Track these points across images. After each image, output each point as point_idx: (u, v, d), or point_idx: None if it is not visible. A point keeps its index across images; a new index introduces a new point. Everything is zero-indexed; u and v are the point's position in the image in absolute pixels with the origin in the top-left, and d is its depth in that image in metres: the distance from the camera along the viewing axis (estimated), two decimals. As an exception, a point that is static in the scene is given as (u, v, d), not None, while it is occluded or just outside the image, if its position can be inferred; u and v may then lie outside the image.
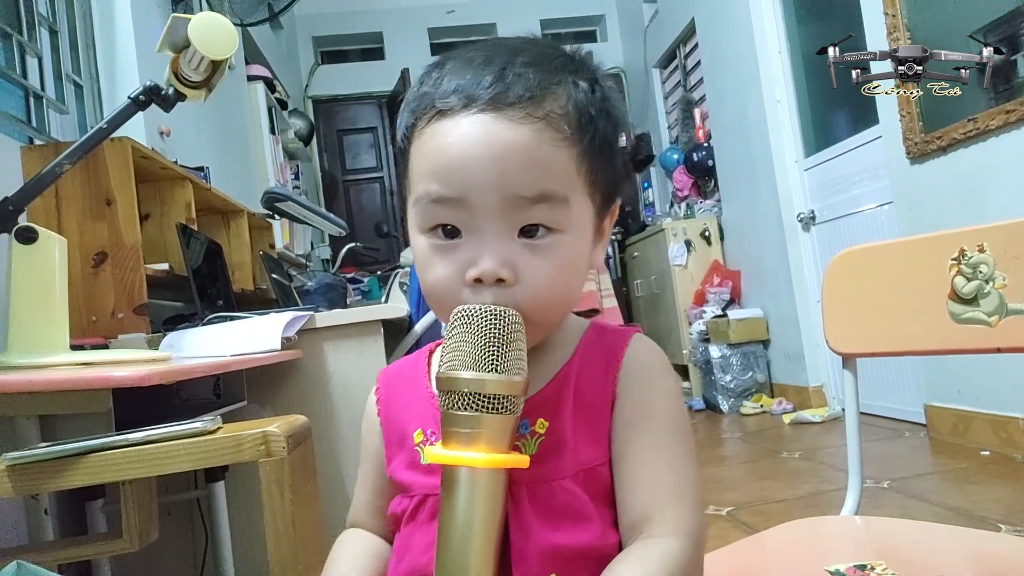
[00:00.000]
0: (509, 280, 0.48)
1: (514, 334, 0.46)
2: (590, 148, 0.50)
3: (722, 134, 4.17)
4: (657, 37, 5.08)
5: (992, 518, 1.76)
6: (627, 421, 0.52)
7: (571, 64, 0.52)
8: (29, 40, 2.07)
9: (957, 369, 2.49)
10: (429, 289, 0.51)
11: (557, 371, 0.53)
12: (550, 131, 0.47)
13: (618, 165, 0.54)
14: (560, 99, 0.49)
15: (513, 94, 0.47)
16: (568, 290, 0.51)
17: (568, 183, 0.49)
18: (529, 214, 0.48)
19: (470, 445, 0.44)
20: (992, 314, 0.79)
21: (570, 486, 0.50)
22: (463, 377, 0.45)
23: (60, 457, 0.73)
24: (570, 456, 0.50)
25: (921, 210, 2.56)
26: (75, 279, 1.55)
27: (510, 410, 0.45)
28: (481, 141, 0.46)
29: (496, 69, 0.48)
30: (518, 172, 0.46)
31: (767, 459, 2.66)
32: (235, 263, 2.50)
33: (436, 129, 0.48)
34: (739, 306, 4.04)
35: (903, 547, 0.80)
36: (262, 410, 1.58)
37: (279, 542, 0.77)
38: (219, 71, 1.31)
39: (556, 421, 0.51)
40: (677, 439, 0.52)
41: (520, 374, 0.46)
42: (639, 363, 0.53)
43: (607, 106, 0.52)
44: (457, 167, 0.47)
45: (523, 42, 0.52)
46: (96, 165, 1.66)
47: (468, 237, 0.48)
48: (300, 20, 5.66)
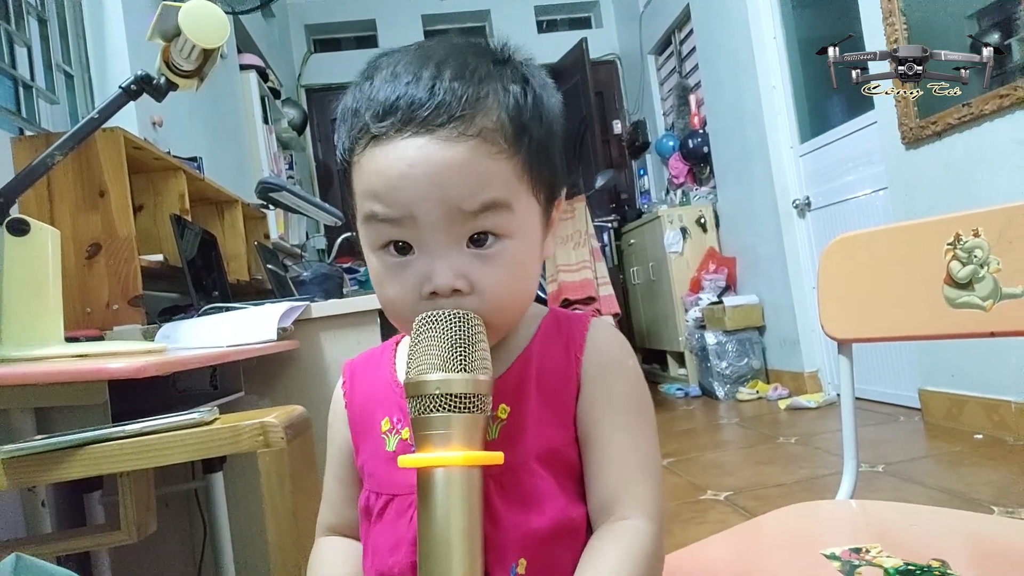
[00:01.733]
0: (465, 290, 0.49)
1: (477, 334, 0.47)
2: (528, 155, 0.50)
3: (718, 121, 4.16)
4: (652, 23, 5.05)
5: (985, 500, 1.78)
6: (593, 404, 0.53)
7: (499, 68, 0.52)
8: (18, 29, 2.05)
9: (951, 353, 2.50)
10: (387, 306, 0.52)
11: (516, 356, 0.54)
12: (486, 146, 0.48)
13: (556, 161, 0.54)
14: (491, 113, 0.49)
15: (444, 114, 0.47)
16: (522, 292, 0.53)
17: (510, 190, 0.49)
18: (475, 224, 0.48)
19: (444, 446, 0.45)
20: (987, 298, 0.79)
21: (534, 467, 0.51)
22: (432, 379, 0.45)
23: (56, 449, 0.73)
24: (531, 439, 0.52)
25: (916, 195, 2.57)
26: (69, 271, 1.55)
27: (480, 409, 0.46)
28: (419, 163, 0.47)
29: (425, 87, 0.48)
30: (458, 186, 0.47)
31: (764, 444, 2.68)
32: (230, 254, 2.49)
33: (373, 154, 0.49)
34: (735, 293, 4.05)
35: (898, 530, 0.80)
36: (259, 401, 1.58)
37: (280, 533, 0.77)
38: (211, 60, 1.30)
39: (518, 406, 0.52)
40: (639, 419, 0.54)
41: (486, 373, 0.47)
42: (602, 347, 0.55)
43: (540, 109, 0.52)
44: (398, 187, 0.48)
45: (449, 50, 0.52)
46: (88, 156, 1.64)
47: (419, 252, 0.49)
48: (292, 8, 5.61)
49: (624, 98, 5.81)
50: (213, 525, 1.36)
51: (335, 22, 5.84)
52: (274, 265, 2.27)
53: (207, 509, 1.41)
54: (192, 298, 1.73)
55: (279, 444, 0.76)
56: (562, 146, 0.56)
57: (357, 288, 3.05)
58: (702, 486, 2.16)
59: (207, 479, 1.36)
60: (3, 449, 0.73)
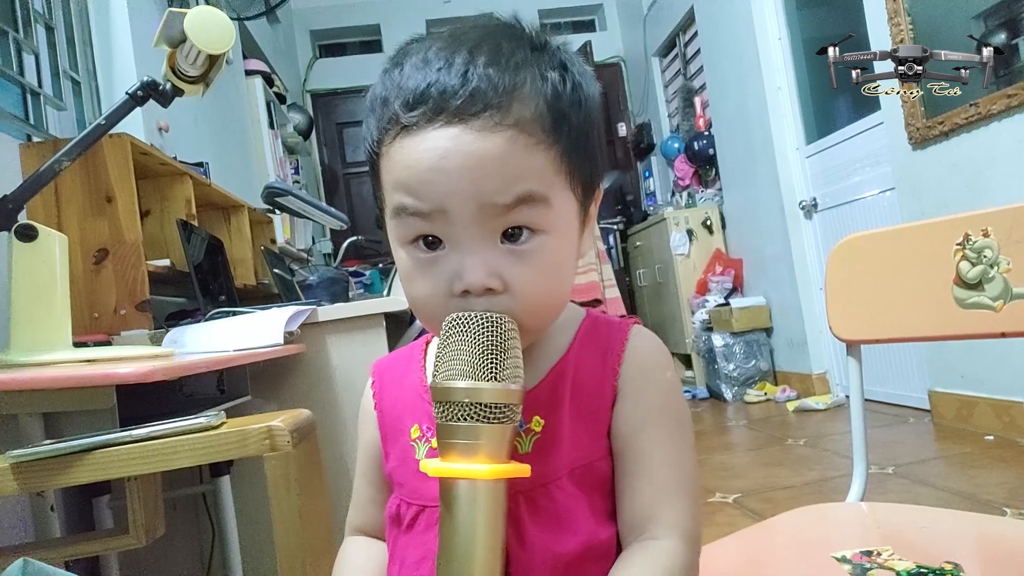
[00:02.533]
0: (498, 289, 0.46)
1: (510, 340, 0.45)
2: (567, 145, 0.48)
3: (723, 122, 4.15)
4: (656, 25, 5.05)
5: (997, 502, 1.77)
6: (629, 418, 0.51)
7: (536, 54, 0.49)
8: (25, 37, 2.06)
9: (960, 354, 2.49)
10: (416, 304, 0.50)
11: (552, 366, 0.52)
12: (523, 137, 0.45)
13: (595, 151, 0.52)
14: (529, 101, 0.46)
15: (479, 103, 0.44)
16: (559, 292, 0.50)
17: (547, 183, 0.47)
18: (509, 218, 0.46)
19: (470, 457, 0.43)
20: (997, 299, 0.79)
21: (566, 486, 0.49)
22: (459, 387, 0.43)
23: (65, 454, 0.73)
24: (566, 454, 0.49)
25: (923, 196, 2.55)
26: (76, 276, 1.55)
27: (509, 419, 0.44)
28: (451, 154, 0.44)
29: (458, 73, 0.45)
30: (492, 180, 0.44)
31: (772, 446, 2.67)
32: (236, 258, 2.50)
33: (403, 144, 0.46)
34: (741, 294, 4.04)
35: (909, 532, 0.80)
36: (266, 404, 1.58)
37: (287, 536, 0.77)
38: (216, 65, 1.30)
39: (552, 418, 0.50)
40: (678, 434, 0.51)
41: (517, 382, 0.45)
42: (641, 358, 0.52)
43: (579, 95, 0.49)
44: (429, 180, 0.45)
45: (483, 34, 0.49)
46: (95, 162, 1.65)
47: (450, 248, 0.47)
48: (297, 14, 5.63)
49: (629, 100, 5.80)
50: (221, 528, 1.36)
51: (340, 27, 5.87)
52: (280, 269, 2.27)
53: (215, 512, 1.41)
54: (199, 303, 1.73)
55: (285, 448, 0.76)
56: (600, 137, 0.53)
57: (363, 292, 3.05)
58: (711, 488, 2.15)
59: (215, 483, 1.37)
60: (12, 454, 0.74)
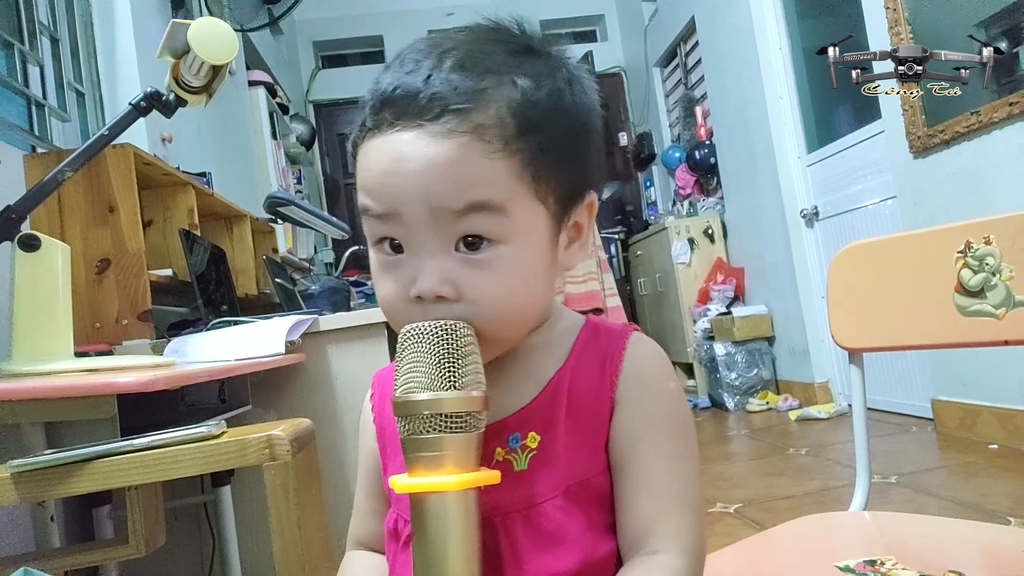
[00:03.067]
0: (451, 296, 0.45)
1: (467, 347, 0.44)
2: (533, 155, 0.46)
3: (724, 131, 4.16)
4: (657, 35, 5.07)
5: (1001, 511, 1.75)
6: (628, 430, 0.49)
7: (514, 58, 0.47)
8: (30, 49, 2.08)
9: (963, 363, 2.48)
10: (382, 305, 0.50)
11: (549, 379, 0.50)
12: (479, 144, 0.44)
13: (580, 160, 0.50)
14: (491, 108, 0.45)
15: (438, 107, 0.44)
16: (522, 303, 0.48)
17: (505, 192, 0.45)
18: (463, 225, 0.45)
19: (436, 469, 0.43)
20: (999, 306, 0.79)
21: (563, 504, 0.48)
22: (420, 399, 0.43)
23: (65, 464, 0.73)
24: (562, 470, 0.48)
25: (925, 204, 2.55)
26: (79, 286, 1.55)
27: (473, 427, 0.43)
28: (405, 158, 0.44)
29: (422, 77, 0.45)
30: (443, 184, 0.44)
31: (774, 456, 2.65)
32: (238, 268, 2.50)
33: (368, 147, 0.47)
34: (743, 303, 4.04)
35: (913, 542, 0.79)
36: (266, 414, 1.58)
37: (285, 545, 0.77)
38: (219, 76, 1.31)
39: (549, 433, 0.49)
40: (680, 445, 0.50)
41: (479, 388, 0.44)
42: (639, 367, 0.50)
43: (557, 104, 0.48)
44: (384, 184, 0.45)
45: (463, 37, 0.48)
46: (98, 172, 1.66)
47: (409, 253, 0.47)
48: (300, 25, 5.66)
49: (630, 110, 5.82)
50: (221, 538, 1.36)
51: (343, 39, 5.90)
52: (282, 279, 2.28)
53: (216, 522, 1.41)
54: (201, 312, 1.73)
55: (285, 457, 0.76)
56: (595, 145, 0.51)
57: (364, 301, 3.05)
58: (711, 498, 2.14)
59: (216, 492, 1.37)
60: (13, 464, 0.73)
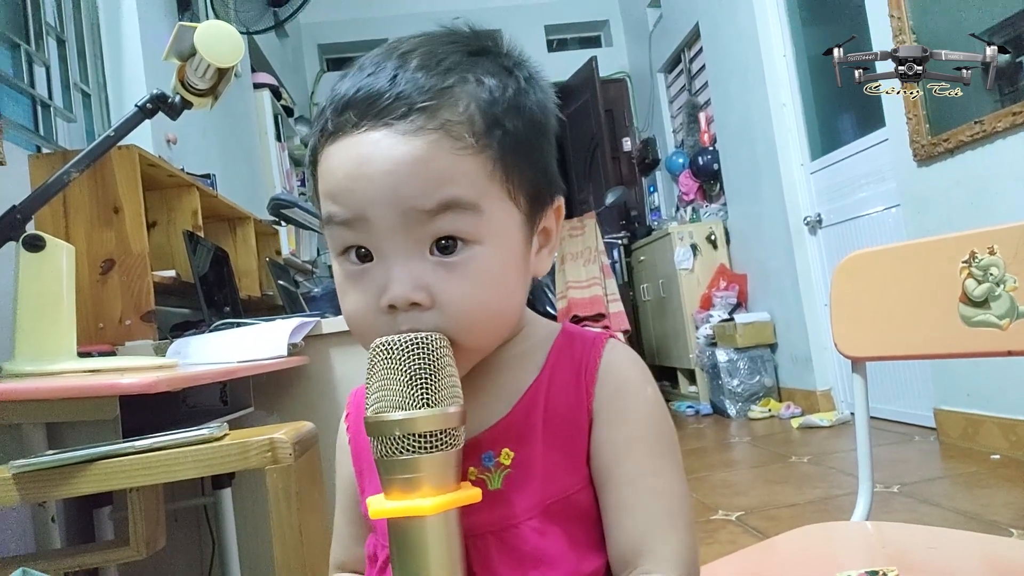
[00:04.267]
0: (425, 303, 0.43)
1: (442, 359, 0.42)
2: (501, 151, 0.45)
3: (727, 138, 4.16)
4: (662, 42, 5.08)
5: (1003, 522, 1.75)
6: (609, 444, 0.47)
7: (474, 58, 0.47)
8: (37, 49, 2.09)
9: (966, 372, 2.47)
10: (347, 319, 0.48)
11: (525, 391, 0.48)
12: (448, 141, 0.43)
13: (546, 162, 0.49)
14: (458, 105, 0.44)
15: (404, 105, 0.43)
16: (496, 307, 0.46)
17: (477, 189, 0.44)
18: (435, 227, 0.43)
19: (412, 491, 0.41)
20: (1003, 317, 0.78)
21: (540, 524, 0.46)
22: (393, 419, 0.40)
23: (67, 464, 0.73)
24: (540, 488, 0.46)
25: (928, 213, 2.55)
26: (83, 286, 1.56)
27: (450, 444, 0.41)
28: (372, 159, 0.43)
29: (387, 78, 0.44)
30: (413, 183, 0.42)
31: (776, 464, 2.65)
32: (241, 270, 2.51)
33: (331, 151, 0.45)
34: (746, 310, 4.03)
35: (915, 553, 0.79)
36: (268, 416, 1.58)
37: (285, 549, 0.77)
38: (225, 79, 1.32)
39: (524, 450, 0.47)
40: (664, 457, 0.48)
41: (455, 403, 0.42)
42: (615, 376, 0.48)
43: (520, 101, 0.47)
44: (349, 188, 0.43)
45: (420, 41, 0.48)
46: (103, 173, 1.66)
47: (378, 260, 0.44)
48: (305, 28, 5.68)
49: (634, 116, 5.83)
50: (222, 541, 1.35)
51: (348, 42, 5.91)
52: (285, 281, 2.28)
53: (216, 525, 1.40)
54: (204, 314, 1.74)
55: (287, 460, 0.76)
56: (554, 147, 0.51)
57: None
58: (712, 506, 2.13)
59: (216, 495, 1.36)
60: (14, 464, 0.74)
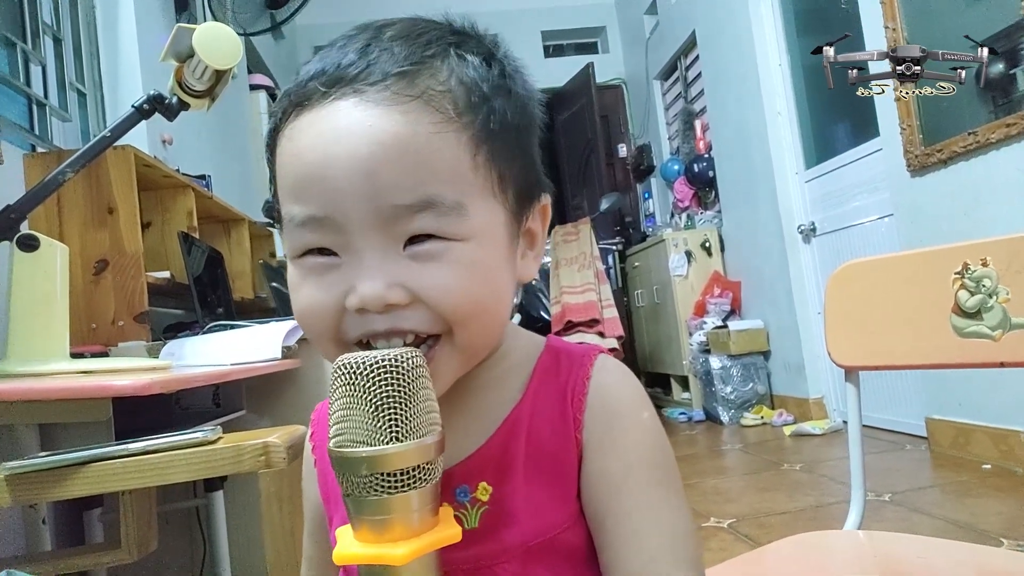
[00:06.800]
0: (402, 302, 0.38)
1: (417, 381, 0.36)
2: (486, 132, 0.40)
3: (723, 145, 4.18)
4: (658, 49, 5.10)
5: (993, 532, 1.75)
6: (602, 477, 0.42)
7: (455, 37, 0.42)
8: (33, 48, 2.08)
9: (958, 382, 2.48)
10: (300, 317, 0.41)
11: (504, 417, 0.43)
12: (429, 112, 0.38)
13: (532, 157, 0.45)
14: (440, 73, 0.39)
15: (378, 70, 0.38)
16: (487, 300, 0.40)
17: (461, 183, 0.39)
18: (413, 225, 0.38)
19: (383, 533, 0.35)
20: (996, 328, 0.79)
21: (522, 568, 0.41)
22: (359, 455, 0.35)
23: (60, 467, 0.73)
24: (520, 527, 0.41)
25: (922, 223, 2.57)
26: (76, 287, 1.55)
27: (425, 480, 0.36)
28: (342, 137, 0.37)
29: (358, 49, 0.40)
30: (391, 172, 0.37)
31: (768, 471, 2.65)
32: (235, 271, 2.50)
33: (294, 128, 0.40)
34: (739, 317, 4.04)
35: (906, 562, 0.79)
36: (260, 419, 1.57)
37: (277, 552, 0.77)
38: (223, 81, 1.31)
39: (504, 485, 0.42)
40: (665, 489, 0.43)
41: (432, 431, 0.36)
42: (607, 400, 0.43)
43: (507, 84, 0.42)
44: (317, 177, 0.38)
45: (397, 19, 0.43)
46: (98, 173, 1.66)
47: (345, 257, 0.39)
48: (302, 30, 5.67)
49: (630, 122, 5.85)
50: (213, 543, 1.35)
51: (345, 44, 5.91)
52: (279, 283, 2.27)
53: (207, 527, 1.40)
54: (197, 315, 1.73)
55: (280, 464, 0.76)
56: (538, 145, 0.46)
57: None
58: (704, 513, 2.13)
59: (208, 497, 1.36)
60: (7, 466, 0.73)
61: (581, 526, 0.43)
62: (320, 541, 0.51)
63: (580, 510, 0.43)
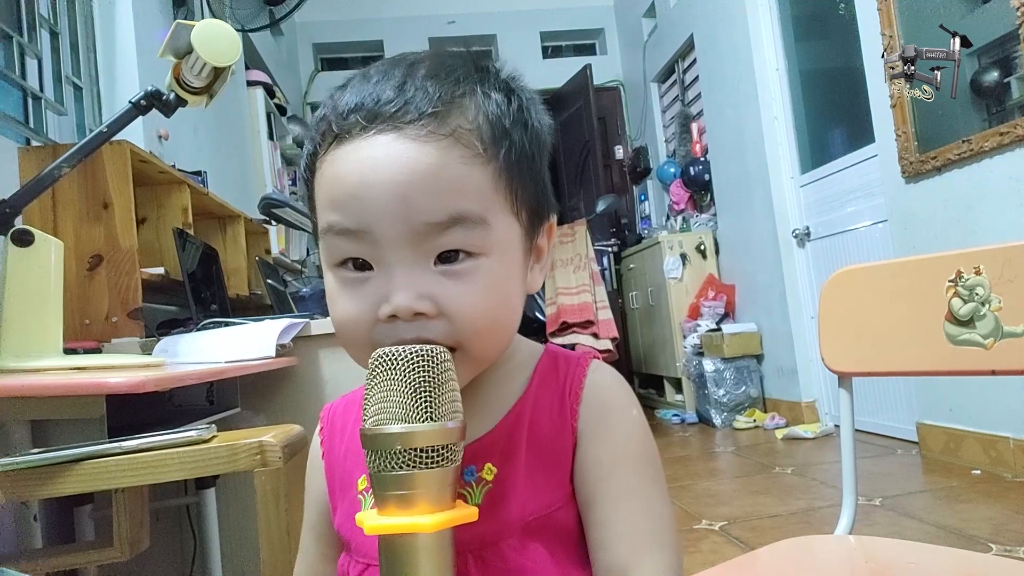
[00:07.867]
0: (430, 313, 0.43)
1: (445, 373, 0.41)
2: (507, 163, 0.45)
3: (719, 149, 4.19)
4: (656, 52, 5.11)
5: (982, 537, 1.77)
6: (594, 463, 0.47)
7: (480, 74, 0.47)
8: (29, 41, 2.07)
9: (949, 388, 2.50)
10: (340, 328, 0.46)
11: (509, 408, 0.49)
12: (459, 148, 0.43)
13: (543, 180, 0.50)
14: (468, 112, 0.44)
15: (415, 110, 0.43)
16: (502, 316, 0.46)
17: (485, 202, 0.44)
18: (443, 240, 0.43)
19: (408, 508, 0.39)
20: (988, 336, 0.80)
21: (520, 543, 0.46)
22: (392, 432, 0.39)
23: (53, 464, 0.72)
24: (520, 505, 0.46)
25: (915, 229, 2.58)
26: (69, 281, 1.54)
27: (450, 460, 0.40)
28: (381, 166, 0.42)
29: (396, 84, 0.44)
30: (424, 196, 0.42)
31: (760, 474, 2.66)
32: (231, 268, 2.49)
33: (335, 156, 0.44)
34: (733, 320, 4.05)
35: (896, 568, 0.80)
36: (255, 417, 1.57)
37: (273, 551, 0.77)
38: (221, 78, 1.31)
39: (507, 466, 0.47)
40: (649, 478, 0.48)
41: (456, 418, 0.41)
42: (601, 396, 0.49)
43: (524, 117, 0.48)
44: (357, 196, 0.43)
45: (425, 55, 0.48)
46: (94, 168, 1.65)
47: (379, 270, 0.44)
48: (301, 27, 5.67)
49: (627, 124, 5.86)
50: (204, 541, 1.34)
51: (343, 42, 5.91)
52: (274, 280, 2.27)
53: (198, 525, 1.39)
54: (192, 312, 1.72)
55: (276, 464, 0.76)
56: (547, 168, 0.52)
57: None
58: (696, 515, 2.14)
59: (200, 495, 1.35)
60: (-1, 462, 0.73)
61: (573, 507, 0.48)
62: (320, 533, 0.55)
63: (572, 493, 0.48)
